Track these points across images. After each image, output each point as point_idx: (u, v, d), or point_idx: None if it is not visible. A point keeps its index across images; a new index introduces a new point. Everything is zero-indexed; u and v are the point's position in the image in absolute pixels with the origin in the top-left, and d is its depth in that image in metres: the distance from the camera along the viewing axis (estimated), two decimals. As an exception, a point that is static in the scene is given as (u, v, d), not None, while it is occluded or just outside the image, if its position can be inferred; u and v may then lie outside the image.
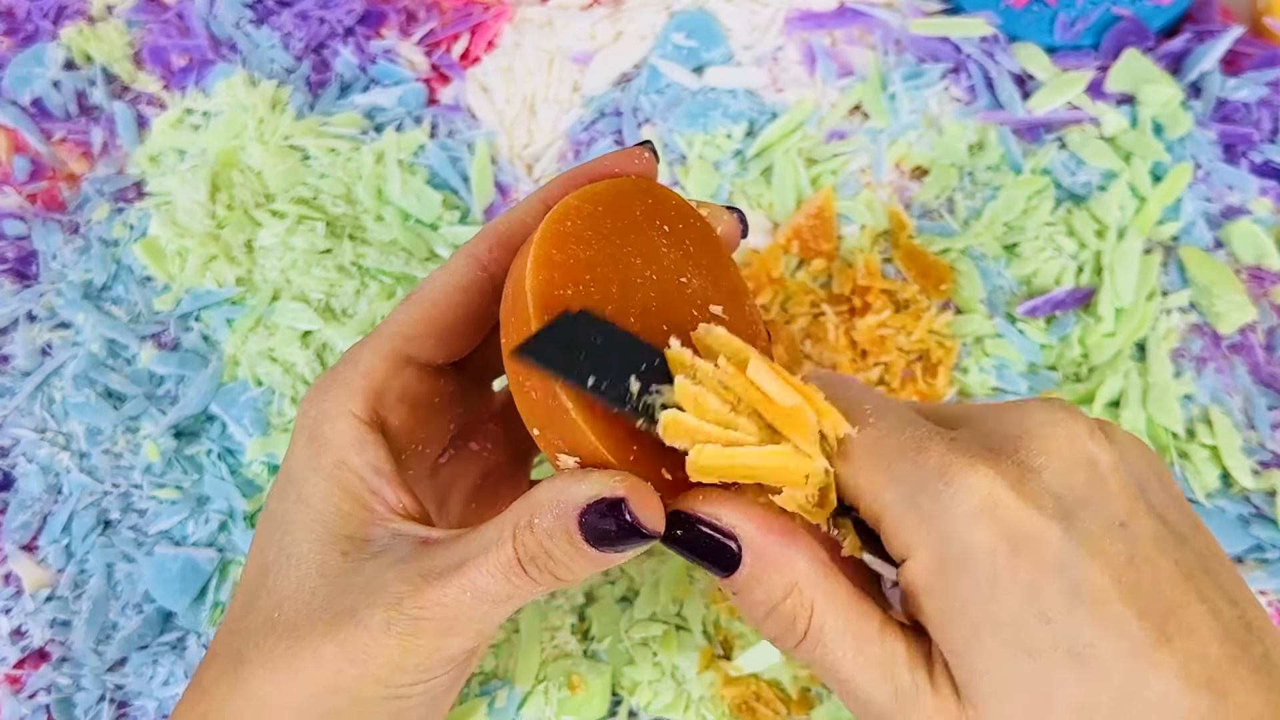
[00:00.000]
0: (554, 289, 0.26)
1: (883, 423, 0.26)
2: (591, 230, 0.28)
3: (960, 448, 0.25)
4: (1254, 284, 0.45)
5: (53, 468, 0.45)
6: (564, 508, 0.25)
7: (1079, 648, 0.23)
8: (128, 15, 0.55)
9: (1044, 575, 0.24)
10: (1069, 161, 0.47)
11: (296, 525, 0.27)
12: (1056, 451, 0.25)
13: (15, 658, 0.42)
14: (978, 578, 0.24)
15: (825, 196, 0.47)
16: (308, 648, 0.26)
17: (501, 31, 0.53)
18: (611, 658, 0.41)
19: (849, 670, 0.25)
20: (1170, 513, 0.25)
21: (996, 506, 0.24)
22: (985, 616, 0.24)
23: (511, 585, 0.26)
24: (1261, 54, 0.49)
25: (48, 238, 0.50)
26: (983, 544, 0.24)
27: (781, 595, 0.26)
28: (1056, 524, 0.24)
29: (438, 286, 0.29)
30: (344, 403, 0.28)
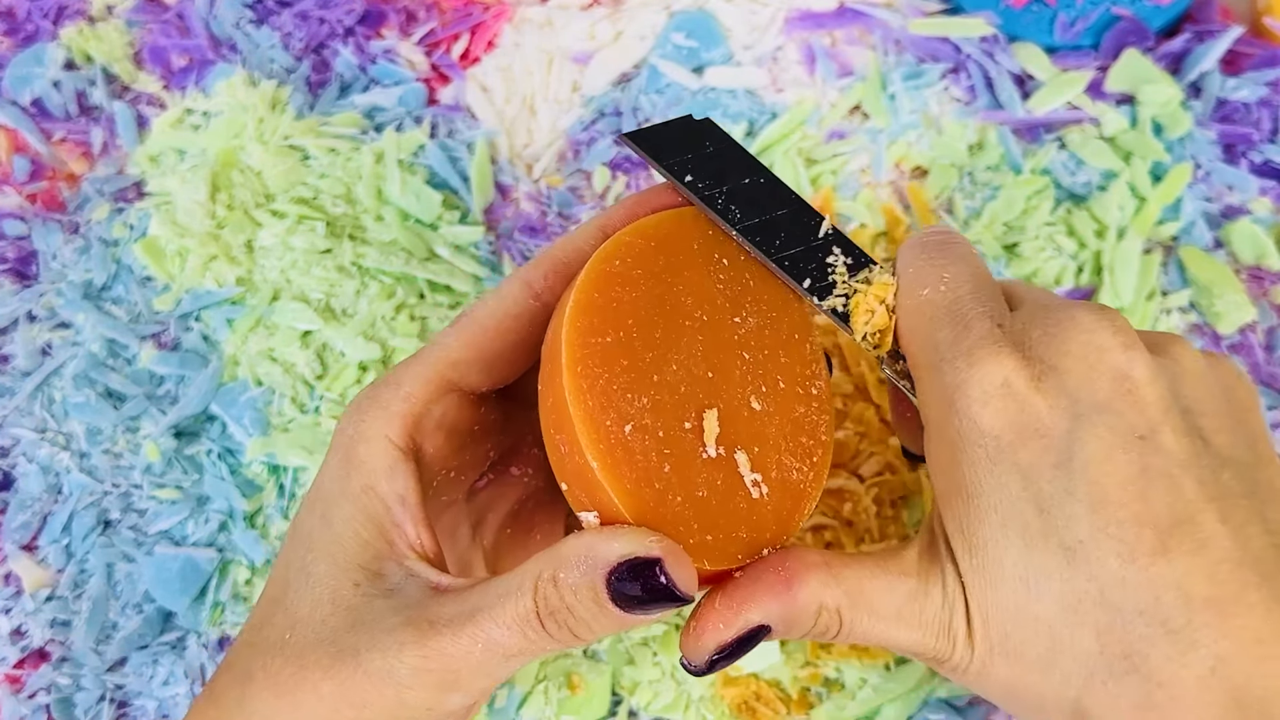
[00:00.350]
0: (592, 336, 0.26)
1: (950, 290, 0.27)
2: (641, 269, 0.27)
3: (997, 335, 0.26)
4: (1254, 284, 0.45)
5: (53, 468, 0.45)
6: (593, 565, 0.24)
7: (1070, 542, 0.24)
8: (128, 15, 0.55)
9: (1043, 467, 0.24)
10: (1069, 161, 0.47)
11: (317, 545, 0.27)
12: (1084, 357, 0.25)
13: (15, 657, 0.42)
14: (979, 458, 0.25)
15: (825, 197, 0.47)
16: (309, 681, 0.26)
17: (501, 31, 0.53)
18: (611, 658, 0.41)
19: (885, 639, 0.27)
20: (1223, 437, 0.25)
21: (1008, 394, 0.25)
22: (984, 497, 0.25)
23: (526, 640, 0.25)
24: (1261, 54, 0.49)
25: (48, 238, 0.50)
26: (989, 426, 0.25)
27: (811, 624, 0.26)
28: (1064, 421, 0.24)
29: (489, 311, 0.29)
30: (381, 426, 0.28)
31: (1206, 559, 0.23)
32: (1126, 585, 0.23)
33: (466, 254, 0.48)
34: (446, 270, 0.47)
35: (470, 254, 0.48)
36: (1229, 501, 0.24)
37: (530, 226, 0.49)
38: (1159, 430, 0.24)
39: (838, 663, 0.40)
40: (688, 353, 0.27)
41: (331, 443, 0.29)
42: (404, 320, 0.46)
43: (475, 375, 0.29)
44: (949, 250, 0.28)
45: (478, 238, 0.48)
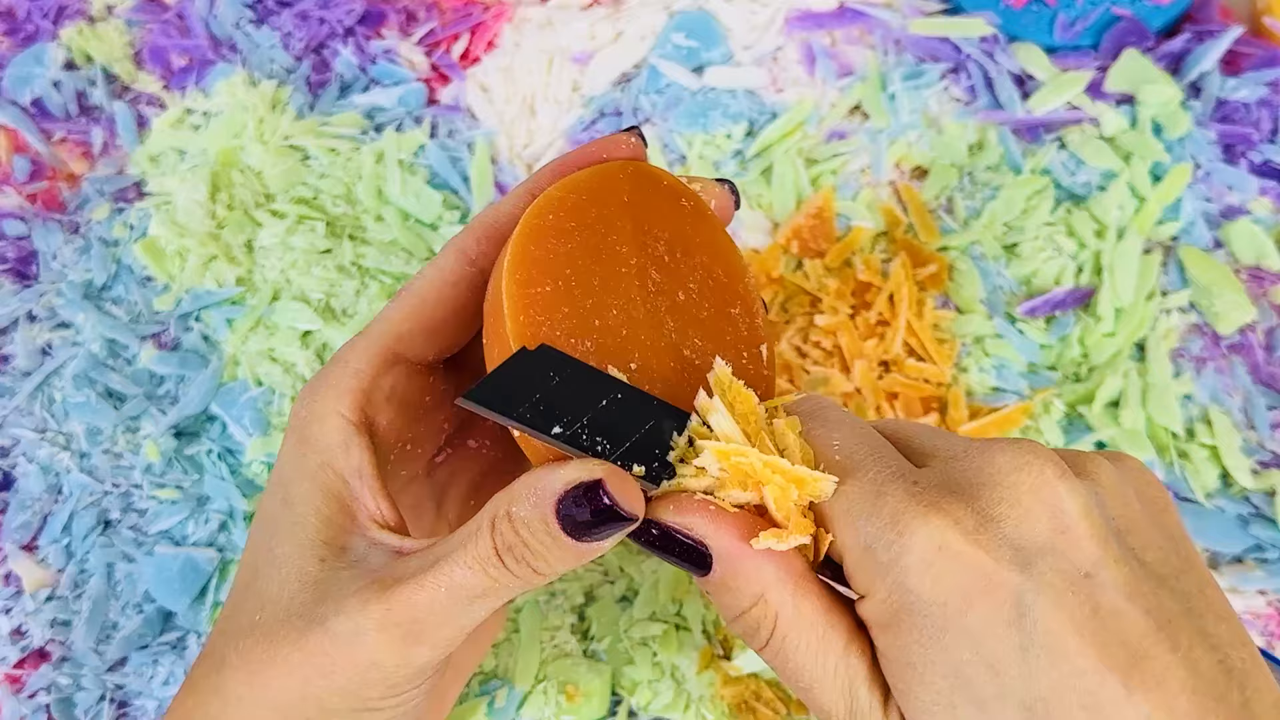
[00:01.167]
0: (531, 287, 0.26)
1: (848, 463, 0.26)
2: (574, 221, 0.27)
3: (918, 493, 0.24)
4: (1253, 284, 0.45)
5: (53, 468, 0.45)
6: (541, 495, 0.24)
7: (1030, 701, 0.23)
8: (128, 15, 0.55)
9: (995, 626, 0.23)
10: (1069, 161, 0.47)
11: (281, 527, 0.27)
12: (1018, 501, 0.24)
13: (15, 657, 0.42)
14: (926, 628, 0.24)
15: (825, 196, 0.47)
16: (280, 655, 0.26)
17: (501, 31, 0.53)
18: (611, 658, 0.41)
19: (808, 680, 0.25)
20: (1152, 553, 0.25)
21: (948, 557, 0.23)
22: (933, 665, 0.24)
23: (489, 578, 0.25)
24: (1261, 54, 0.49)
25: (48, 238, 0.50)
26: (932, 595, 0.23)
27: (749, 604, 0.25)
28: (1013, 574, 0.23)
29: (427, 282, 0.29)
30: (332, 403, 0.28)
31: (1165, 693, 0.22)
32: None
33: (466, 254, 0.48)
34: (446, 270, 0.47)
35: (470, 254, 0.48)
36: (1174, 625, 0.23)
37: (530, 226, 0.49)
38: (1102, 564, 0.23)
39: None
40: (626, 298, 0.28)
41: (288, 426, 0.29)
42: (404, 320, 0.46)
43: (419, 345, 0.30)
44: (823, 418, 0.27)
45: (478, 238, 0.48)
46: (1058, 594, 0.23)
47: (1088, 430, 0.43)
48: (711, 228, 0.30)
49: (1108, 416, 0.43)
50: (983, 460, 0.25)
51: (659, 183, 0.29)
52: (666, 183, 0.29)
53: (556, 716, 0.40)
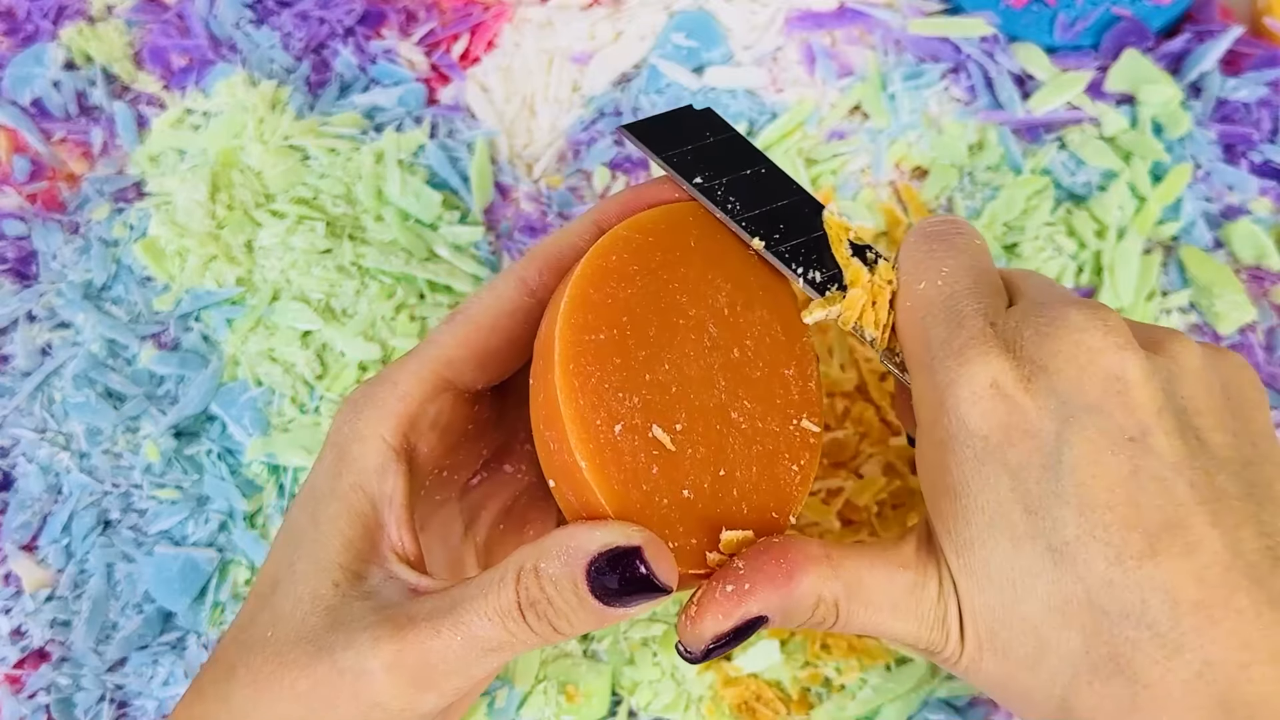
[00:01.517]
0: (586, 333, 0.25)
1: (947, 285, 0.27)
2: (637, 265, 0.27)
3: (989, 333, 0.25)
4: (1254, 284, 0.45)
5: (52, 468, 0.45)
6: (573, 555, 0.24)
7: (1057, 544, 0.24)
8: (128, 15, 0.55)
9: (1031, 468, 0.24)
10: (1069, 161, 0.47)
11: (304, 543, 0.27)
12: (1074, 358, 0.25)
13: (15, 658, 0.42)
14: (969, 458, 0.25)
15: (825, 197, 0.47)
16: (286, 679, 0.26)
17: (501, 31, 0.53)
18: (611, 658, 0.41)
19: (876, 629, 0.27)
20: (1220, 435, 0.25)
21: (997, 394, 0.24)
22: (973, 496, 0.25)
23: (506, 632, 0.25)
24: (1261, 54, 0.49)
25: (48, 238, 0.50)
26: (977, 426, 0.25)
27: (808, 615, 0.26)
28: (1052, 423, 0.24)
29: (483, 308, 0.29)
30: (375, 425, 0.28)
31: (1195, 562, 0.23)
32: (1113, 587, 0.23)
33: (466, 254, 0.48)
34: (446, 270, 0.47)
35: (470, 254, 0.48)
36: (1222, 504, 0.23)
37: (530, 226, 0.49)
38: (1150, 432, 0.24)
39: (838, 663, 0.40)
40: (680, 352, 0.27)
41: (326, 439, 0.29)
42: (404, 320, 0.46)
43: (471, 373, 0.29)
44: (950, 242, 0.28)
45: (478, 238, 0.48)
46: (1096, 450, 0.24)
47: (1088, 430, 0.43)
48: (775, 280, 0.29)
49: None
50: (1058, 313, 0.26)
51: (727, 228, 0.29)
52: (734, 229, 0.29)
53: (556, 716, 0.40)
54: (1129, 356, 0.25)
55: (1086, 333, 0.25)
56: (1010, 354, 0.25)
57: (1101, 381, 0.24)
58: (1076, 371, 0.25)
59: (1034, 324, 0.26)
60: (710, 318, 0.28)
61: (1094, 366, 0.24)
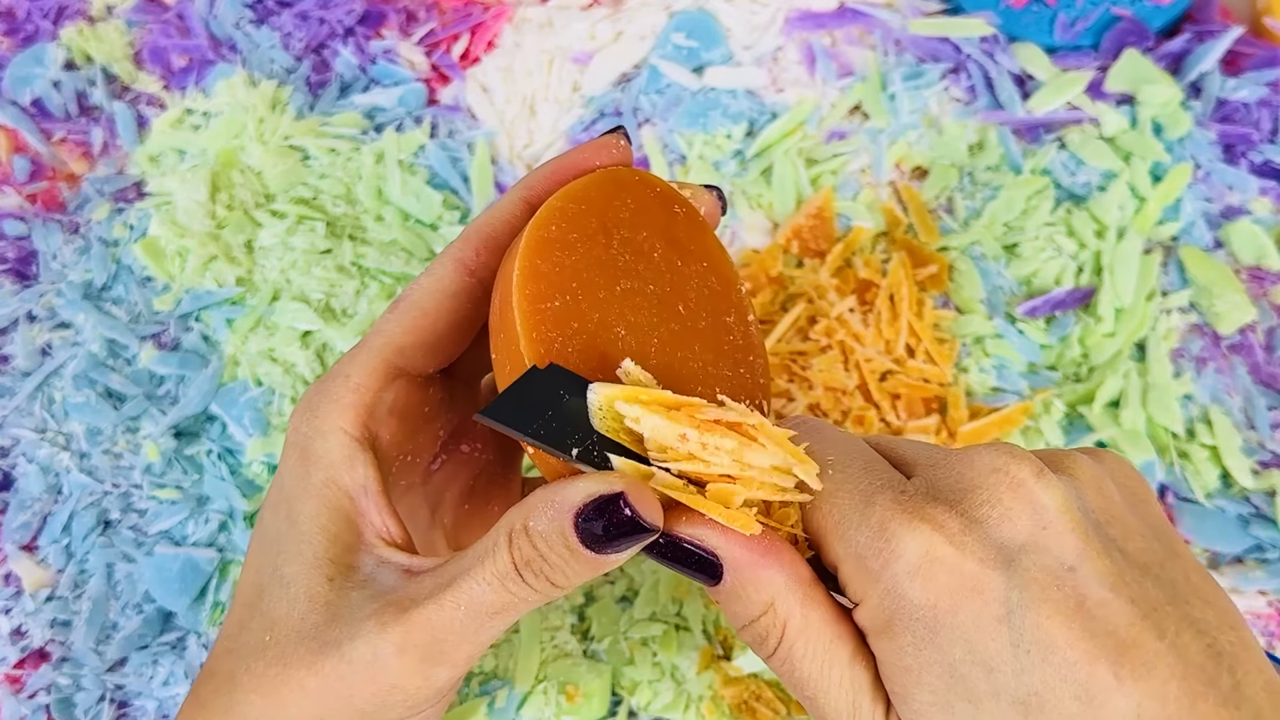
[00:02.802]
0: (541, 302, 0.26)
1: (840, 474, 0.26)
2: (576, 233, 0.27)
3: (904, 502, 0.25)
4: (1254, 284, 0.45)
5: (53, 468, 0.45)
6: (559, 508, 0.24)
7: (1024, 695, 0.23)
8: (128, 15, 0.55)
9: (985, 626, 0.23)
10: (1069, 162, 0.47)
11: (286, 546, 0.27)
12: (998, 501, 0.24)
13: (15, 658, 0.42)
14: (918, 630, 0.24)
15: (825, 197, 0.47)
16: (293, 679, 0.26)
17: (501, 32, 0.53)
18: (611, 658, 0.41)
19: (813, 689, 0.26)
20: (1133, 543, 0.25)
21: (935, 563, 0.24)
22: (928, 666, 0.24)
23: (508, 593, 0.25)
24: (1261, 54, 0.49)
25: (48, 238, 0.50)
26: (922, 599, 0.24)
27: (758, 612, 0.26)
28: (998, 574, 0.24)
29: (426, 293, 0.29)
30: (335, 419, 0.28)
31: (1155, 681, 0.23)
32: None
33: (466, 254, 0.48)
34: (446, 270, 0.47)
35: (470, 254, 0.48)
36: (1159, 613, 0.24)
37: (530, 226, 0.49)
38: (1084, 557, 0.24)
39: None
40: (631, 311, 0.28)
41: (286, 441, 0.29)
42: (404, 320, 0.46)
43: (420, 358, 0.29)
44: (820, 435, 0.28)
45: (478, 238, 0.48)
46: (1042, 589, 0.23)
47: (1088, 430, 0.43)
48: (704, 234, 0.30)
49: (1108, 417, 0.43)
50: (963, 466, 0.25)
51: (653, 190, 0.29)
52: (660, 189, 0.29)
53: (556, 716, 0.40)
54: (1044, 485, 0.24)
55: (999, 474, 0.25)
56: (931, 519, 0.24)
57: (1029, 518, 0.24)
58: (1003, 514, 0.24)
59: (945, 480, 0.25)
60: (652, 276, 0.28)
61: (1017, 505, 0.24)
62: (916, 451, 0.28)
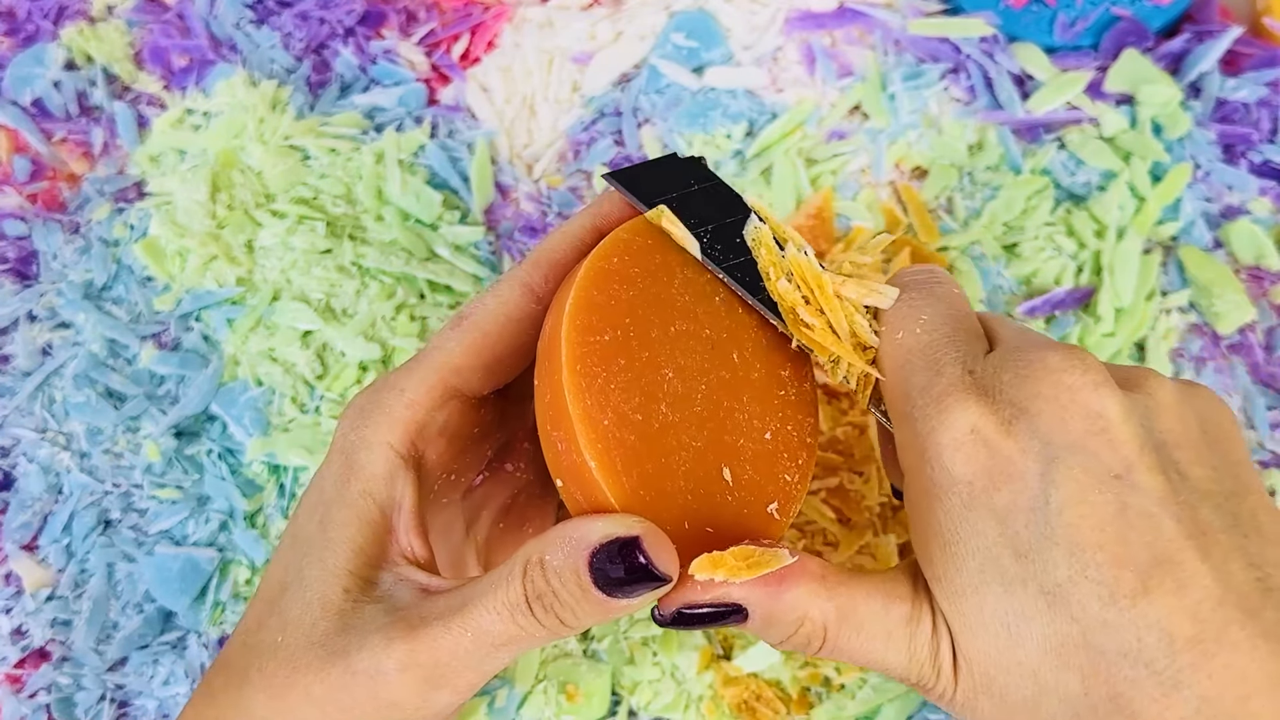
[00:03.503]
0: (590, 334, 0.26)
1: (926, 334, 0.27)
2: (638, 267, 0.27)
3: (968, 379, 0.25)
4: (1253, 284, 0.45)
5: (53, 467, 0.45)
6: (576, 545, 0.24)
7: (1050, 586, 0.24)
8: (128, 15, 0.55)
9: (1017, 512, 0.24)
10: (1068, 161, 0.47)
11: (313, 551, 0.27)
12: (1054, 399, 0.25)
13: (16, 657, 0.42)
14: (955, 505, 0.25)
15: (825, 197, 0.47)
16: (300, 684, 0.26)
17: (501, 32, 0.54)
18: (611, 657, 0.41)
19: (865, 659, 0.27)
20: (1200, 469, 0.25)
21: (978, 440, 0.24)
22: (963, 543, 0.25)
23: (516, 626, 0.25)
24: (1261, 54, 0.49)
25: (48, 238, 0.50)
26: (961, 473, 0.25)
27: (794, 629, 0.26)
28: (1036, 464, 0.24)
29: (489, 315, 0.29)
30: (384, 433, 0.28)
31: (1188, 599, 0.23)
32: (1109, 628, 0.23)
33: (466, 254, 0.48)
34: (447, 270, 0.47)
35: (470, 254, 0.48)
36: (1208, 538, 0.23)
37: (530, 226, 0.49)
38: (1134, 469, 0.24)
39: (838, 662, 0.40)
40: (682, 353, 0.27)
41: (332, 445, 0.29)
42: (404, 320, 0.46)
43: (477, 380, 0.29)
44: (928, 290, 0.28)
45: (478, 238, 0.48)
46: (1082, 489, 0.24)
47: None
48: None
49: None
50: (1035, 355, 0.26)
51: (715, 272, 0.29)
52: None
53: (556, 716, 0.40)
54: (1107, 395, 0.25)
55: (1065, 373, 0.25)
56: (989, 399, 0.25)
57: (1082, 421, 0.24)
58: (1057, 411, 0.24)
59: (1012, 368, 0.26)
60: (708, 320, 0.28)
61: (1074, 406, 0.24)
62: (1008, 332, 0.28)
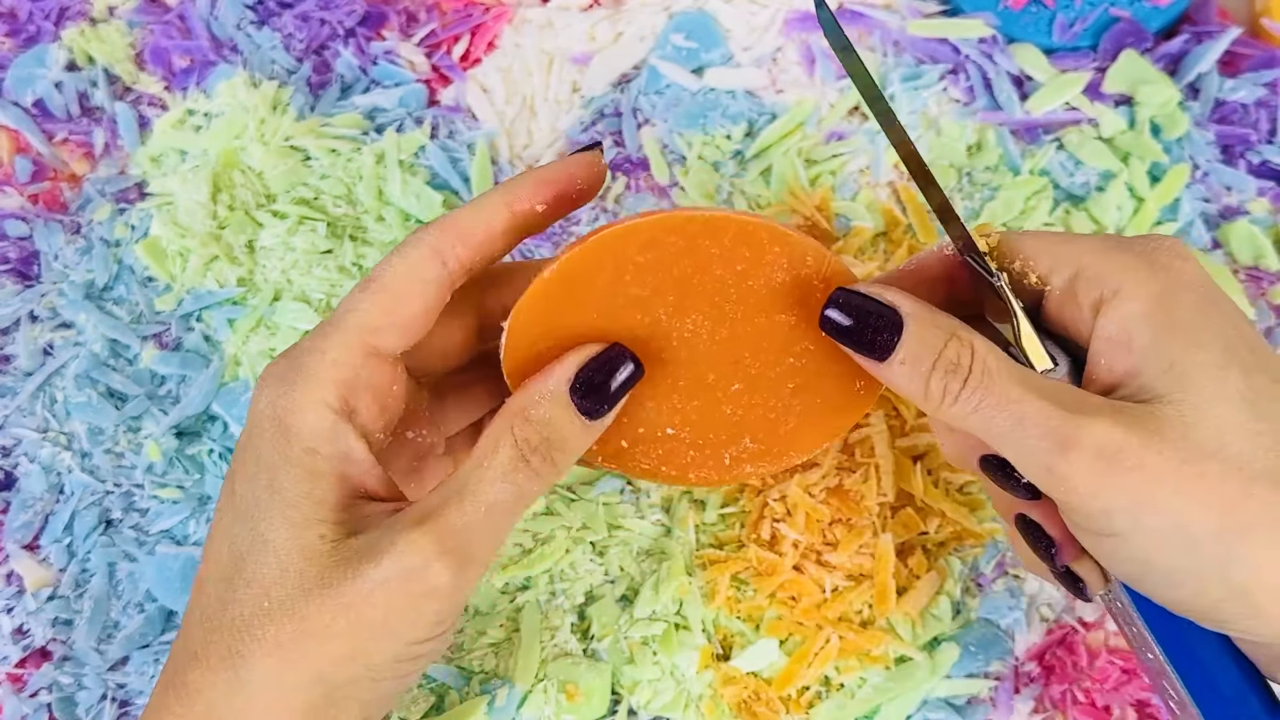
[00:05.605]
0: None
1: None
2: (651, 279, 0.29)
3: None
4: (1252, 284, 0.45)
5: (54, 467, 0.45)
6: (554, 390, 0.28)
7: (1278, 375, 0.26)
8: (129, 16, 0.55)
9: (1244, 319, 0.27)
10: (1067, 162, 0.48)
11: (271, 513, 0.27)
12: None
13: (17, 657, 0.42)
14: (1197, 301, 0.27)
15: (824, 197, 0.48)
16: (316, 624, 0.26)
17: (501, 32, 0.54)
18: (611, 657, 0.41)
19: (1017, 395, 0.26)
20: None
21: (1197, 260, 0.27)
22: (1207, 329, 0.26)
23: (517, 485, 0.27)
24: (1259, 55, 0.49)
25: (50, 238, 0.50)
26: (1195, 277, 0.27)
27: (944, 342, 0.27)
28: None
29: (400, 277, 0.29)
30: (314, 393, 0.28)
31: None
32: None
33: (467, 254, 0.48)
34: (447, 270, 0.47)
35: (471, 254, 0.48)
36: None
37: (530, 227, 0.49)
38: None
39: (838, 662, 0.40)
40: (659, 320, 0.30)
41: (257, 414, 0.29)
42: (405, 320, 0.46)
43: (392, 339, 0.30)
44: None
45: (478, 238, 0.48)
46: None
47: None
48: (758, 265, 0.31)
49: (1106, 416, 0.43)
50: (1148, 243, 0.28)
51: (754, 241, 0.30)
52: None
53: (557, 716, 0.40)
54: None
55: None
56: None
57: None
58: None
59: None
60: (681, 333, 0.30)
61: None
62: None
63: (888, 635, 0.40)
